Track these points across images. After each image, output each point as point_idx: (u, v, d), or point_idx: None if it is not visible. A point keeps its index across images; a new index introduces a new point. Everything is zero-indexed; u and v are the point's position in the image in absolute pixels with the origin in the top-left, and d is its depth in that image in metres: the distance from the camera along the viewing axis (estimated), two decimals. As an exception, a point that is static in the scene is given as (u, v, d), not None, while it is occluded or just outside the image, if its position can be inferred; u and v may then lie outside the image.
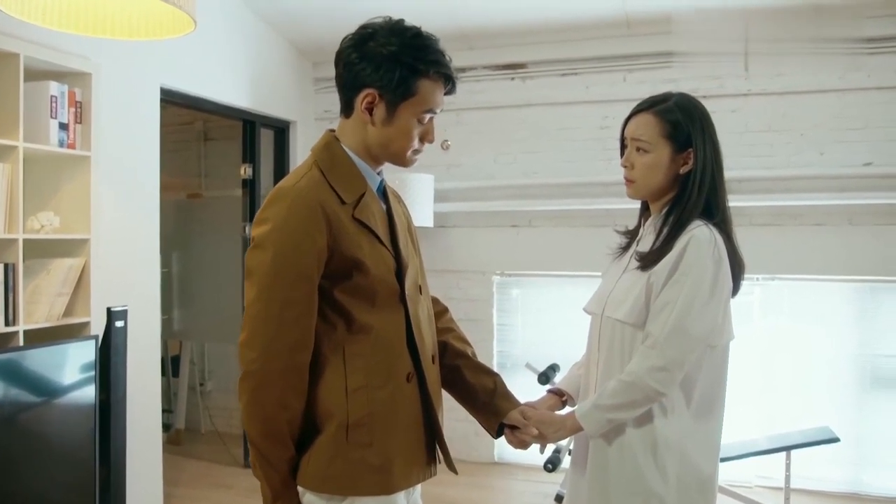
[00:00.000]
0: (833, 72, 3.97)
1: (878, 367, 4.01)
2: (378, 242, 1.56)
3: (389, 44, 1.49)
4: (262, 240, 1.47)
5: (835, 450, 3.64)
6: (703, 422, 1.68)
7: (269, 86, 4.54)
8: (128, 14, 2.46)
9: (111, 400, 3.01)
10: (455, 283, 4.74)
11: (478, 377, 1.79)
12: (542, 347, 4.43)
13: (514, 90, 4.63)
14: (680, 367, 1.60)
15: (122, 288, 3.32)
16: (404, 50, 1.49)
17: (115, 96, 3.34)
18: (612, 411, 1.64)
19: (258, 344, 1.46)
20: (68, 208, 3.08)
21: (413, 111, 1.53)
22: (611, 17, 4.13)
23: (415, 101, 1.52)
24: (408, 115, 1.53)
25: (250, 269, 1.49)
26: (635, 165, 1.74)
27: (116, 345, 3.04)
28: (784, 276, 4.12)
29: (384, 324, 1.55)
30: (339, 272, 1.50)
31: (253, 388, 1.47)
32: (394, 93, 1.50)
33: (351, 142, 1.58)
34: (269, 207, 1.50)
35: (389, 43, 1.49)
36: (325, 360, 1.52)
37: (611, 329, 1.73)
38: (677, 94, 1.75)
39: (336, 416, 1.51)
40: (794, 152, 4.09)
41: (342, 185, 1.54)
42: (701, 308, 1.60)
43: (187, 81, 3.85)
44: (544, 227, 4.60)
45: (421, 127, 1.56)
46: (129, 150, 3.47)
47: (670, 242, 1.65)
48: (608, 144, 4.36)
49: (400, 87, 1.50)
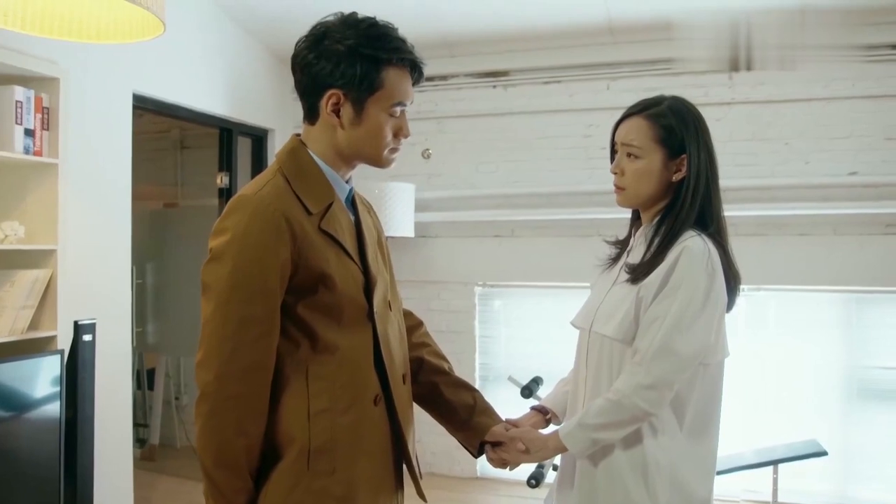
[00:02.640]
0: (817, 80, 3.95)
1: (865, 378, 3.97)
2: (345, 256, 1.46)
3: (345, 38, 1.41)
4: (220, 252, 1.37)
5: (822, 463, 3.59)
6: (698, 443, 1.59)
7: (246, 93, 4.45)
8: (95, 17, 2.37)
9: (78, 417, 2.90)
10: (436, 295, 4.67)
11: (456, 393, 1.70)
12: (525, 360, 4.37)
13: (497, 98, 4.57)
14: (669, 386, 1.52)
15: (91, 300, 3.21)
16: (362, 41, 1.41)
17: (85, 102, 3.24)
18: (597, 431, 1.55)
19: (214, 365, 1.36)
20: (34, 217, 2.96)
21: (382, 106, 1.45)
22: (594, 24, 4.09)
23: (382, 95, 1.44)
24: (377, 110, 1.45)
25: (207, 283, 1.38)
26: (626, 172, 1.66)
27: (84, 360, 2.92)
28: (769, 286, 4.08)
29: (350, 343, 1.45)
30: (303, 287, 1.40)
31: (208, 413, 1.36)
32: (358, 89, 1.42)
33: (318, 148, 1.49)
34: (228, 217, 1.40)
35: (345, 37, 1.41)
36: (287, 382, 1.42)
37: (599, 345, 1.64)
38: (670, 97, 1.67)
39: (297, 441, 1.40)
40: (778, 161, 4.06)
41: (308, 195, 1.44)
42: (691, 324, 1.52)
43: (161, 88, 3.75)
44: (527, 237, 4.54)
45: (393, 121, 1.48)
46: (100, 157, 3.37)
47: (662, 254, 1.56)
48: (592, 153, 4.32)
49: (364, 82, 1.42)
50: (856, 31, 3.81)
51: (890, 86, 3.85)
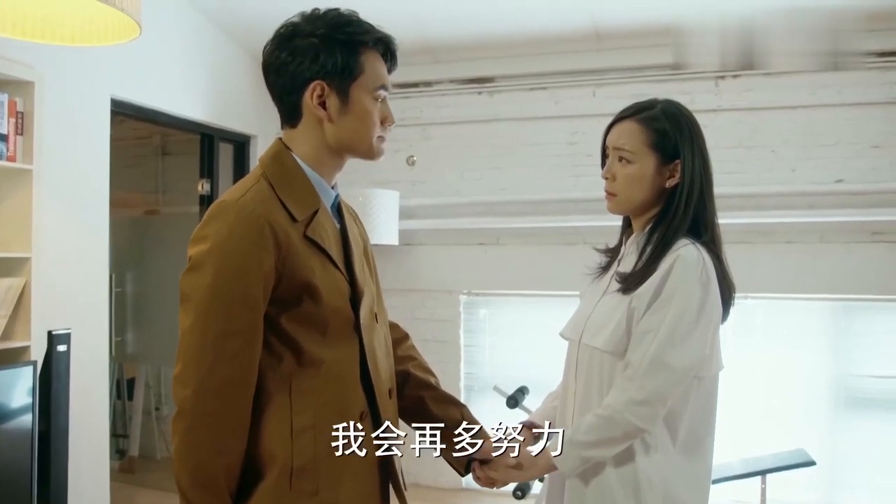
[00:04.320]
0: (804, 88, 3.94)
1: (852, 387, 3.95)
2: (331, 265, 1.40)
3: (317, 29, 1.39)
4: (200, 261, 1.30)
5: (810, 472, 3.55)
6: (692, 459, 1.53)
7: (228, 98, 4.38)
8: (69, 18, 2.32)
9: (52, 430, 2.81)
10: (421, 303, 4.61)
11: (444, 409, 1.64)
12: (510, 369, 4.31)
13: (482, 105, 4.53)
14: (662, 401, 1.46)
15: (67, 310, 3.13)
16: (335, 28, 1.39)
17: (61, 107, 3.17)
18: (587, 449, 1.49)
19: (192, 379, 1.29)
20: (7, 225, 2.89)
21: (366, 90, 1.41)
22: (580, 30, 4.06)
23: (365, 80, 1.41)
24: (362, 95, 1.41)
25: (185, 293, 1.31)
26: (617, 177, 1.60)
27: (58, 371, 2.84)
28: (756, 294, 4.05)
29: (336, 356, 1.38)
30: (287, 298, 1.34)
31: (185, 430, 1.29)
32: (341, 76, 1.38)
33: (304, 150, 1.43)
34: (208, 223, 1.33)
35: (316, 28, 1.39)
36: (269, 397, 1.35)
37: (588, 357, 1.58)
38: (664, 100, 1.62)
39: (279, 459, 1.33)
40: (765, 169, 4.04)
41: (293, 201, 1.38)
42: (686, 336, 1.46)
43: (140, 93, 3.68)
44: (512, 245, 4.49)
45: (379, 107, 1.44)
46: (77, 163, 3.30)
47: (654, 263, 1.51)
48: (578, 160, 4.29)
49: (346, 69, 1.38)
50: (843, 39, 3.80)
51: (876, 93, 3.84)
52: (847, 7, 3.61)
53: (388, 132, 1.48)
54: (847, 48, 3.80)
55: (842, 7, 3.61)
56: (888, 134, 3.84)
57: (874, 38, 3.77)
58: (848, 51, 3.80)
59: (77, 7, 2.25)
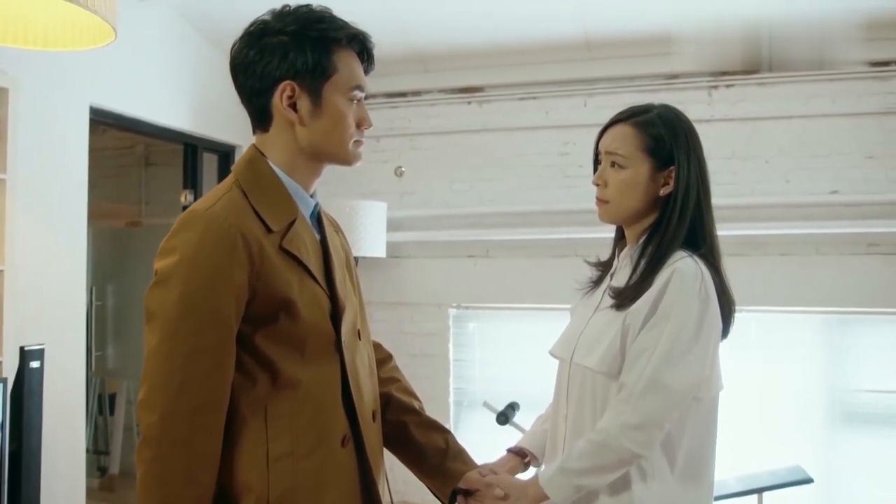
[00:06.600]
0: (797, 98, 3.88)
1: (849, 402, 3.88)
2: (310, 279, 1.32)
3: (287, 26, 1.31)
4: (167, 275, 1.22)
5: (806, 488, 3.48)
6: (691, 487, 1.45)
7: (212, 107, 4.29)
8: (41, 22, 2.24)
9: (24, 450, 2.71)
10: (409, 317, 4.52)
11: (427, 435, 1.55)
12: (501, 384, 4.24)
13: (471, 114, 4.46)
14: (659, 425, 1.38)
15: (41, 324, 3.03)
16: (306, 25, 1.30)
17: (37, 114, 3.07)
18: (580, 476, 1.40)
19: (158, 404, 1.19)
20: (-22, 237, 2.79)
21: (340, 90, 1.33)
22: (571, 39, 4.00)
23: (338, 80, 1.33)
24: (335, 96, 1.33)
25: (151, 310, 1.22)
26: (609, 183, 1.52)
27: (31, 388, 2.74)
28: (750, 307, 3.97)
29: (315, 377, 1.30)
30: (262, 315, 1.25)
31: (151, 459, 1.19)
32: (312, 76, 1.30)
33: (278, 156, 1.35)
34: (176, 235, 1.25)
35: (286, 25, 1.31)
36: (243, 422, 1.26)
37: (581, 378, 1.49)
38: (660, 105, 1.54)
39: (255, 489, 1.24)
40: (759, 180, 3.98)
41: (268, 210, 1.30)
42: (683, 356, 1.38)
43: (121, 101, 3.59)
44: (502, 258, 4.42)
45: (354, 109, 1.35)
46: (54, 173, 3.20)
47: (649, 277, 1.43)
48: (568, 171, 4.22)
49: (317, 68, 1.30)
50: (835, 49, 3.75)
51: (870, 103, 3.79)
52: (841, 16, 3.57)
53: (364, 135, 1.40)
54: (841, 57, 3.75)
55: (836, 16, 3.57)
56: (883, 144, 3.79)
57: (868, 47, 3.73)
58: (842, 60, 3.76)
59: (49, 9, 2.18)
